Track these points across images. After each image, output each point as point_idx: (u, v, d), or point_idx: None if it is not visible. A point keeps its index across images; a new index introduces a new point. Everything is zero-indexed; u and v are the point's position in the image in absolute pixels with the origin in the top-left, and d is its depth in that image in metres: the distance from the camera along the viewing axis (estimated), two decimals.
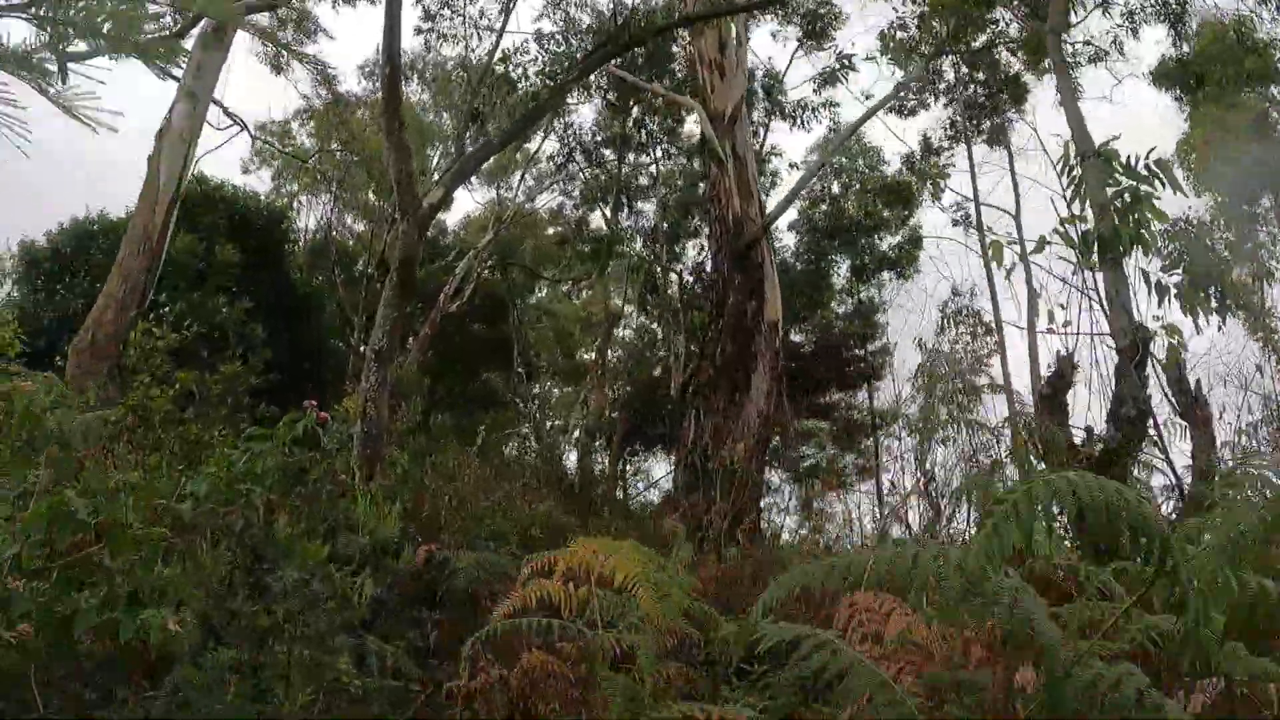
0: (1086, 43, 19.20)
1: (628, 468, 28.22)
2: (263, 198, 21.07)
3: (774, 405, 13.93)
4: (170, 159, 11.05)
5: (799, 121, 21.54)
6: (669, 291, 21.41)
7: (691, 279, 21.64)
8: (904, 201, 25.83)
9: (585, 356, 36.08)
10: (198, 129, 11.79)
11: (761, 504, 13.89)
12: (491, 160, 33.40)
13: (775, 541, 11.87)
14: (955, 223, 23.65)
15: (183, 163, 11.24)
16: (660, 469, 28.42)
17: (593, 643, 4.07)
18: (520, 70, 19.78)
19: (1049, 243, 9.82)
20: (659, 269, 20.90)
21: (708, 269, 18.02)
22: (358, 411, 11.72)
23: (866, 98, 21.04)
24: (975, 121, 22.53)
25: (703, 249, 22.73)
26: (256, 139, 21.93)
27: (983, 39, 19.47)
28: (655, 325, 23.99)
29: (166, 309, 10.64)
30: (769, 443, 14.16)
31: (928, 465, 20.91)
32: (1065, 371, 9.00)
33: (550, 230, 33.12)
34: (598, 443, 21.07)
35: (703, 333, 13.99)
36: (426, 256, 28.94)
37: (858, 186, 26.60)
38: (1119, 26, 18.70)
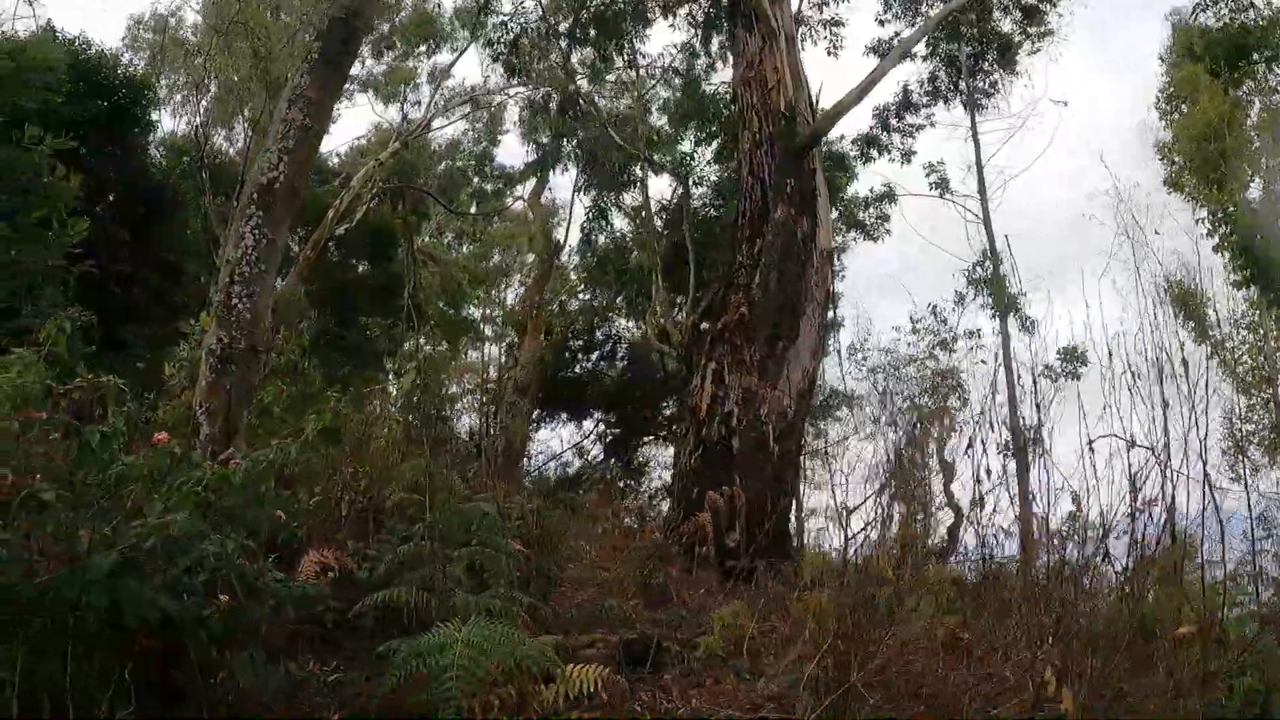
0: None
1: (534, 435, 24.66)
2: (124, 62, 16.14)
3: (817, 368, 10.58)
4: None
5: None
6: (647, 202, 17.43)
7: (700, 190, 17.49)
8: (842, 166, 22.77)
9: (473, 311, 32.32)
10: None
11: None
12: (392, 65, 29.02)
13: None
14: (933, 186, 20.88)
15: None
16: (558, 442, 24.75)
17: None
18: None
19: None
20: (642, 164, 16.88)
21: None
22: (213, 313, 7.35)
23: None
24: (970, 79, 19.90)
25: (692, 160, 18.83)
26: None
27: None
28: (607, 259, 19.91)
29: None
30: (806, 416, 10.72)
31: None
32: None
33: (451, 163, 29.38)
34: (526, 405, 17.25)
35: (733, 253, 10.41)
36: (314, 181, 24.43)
37: None
38: None
